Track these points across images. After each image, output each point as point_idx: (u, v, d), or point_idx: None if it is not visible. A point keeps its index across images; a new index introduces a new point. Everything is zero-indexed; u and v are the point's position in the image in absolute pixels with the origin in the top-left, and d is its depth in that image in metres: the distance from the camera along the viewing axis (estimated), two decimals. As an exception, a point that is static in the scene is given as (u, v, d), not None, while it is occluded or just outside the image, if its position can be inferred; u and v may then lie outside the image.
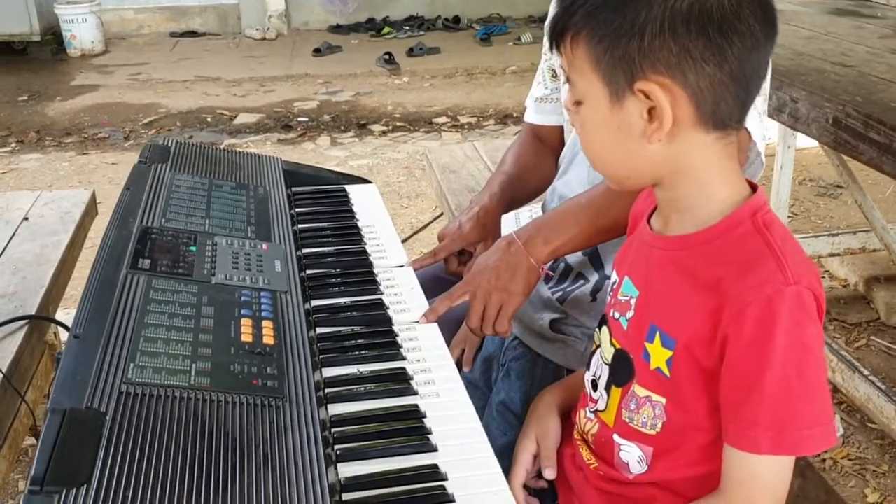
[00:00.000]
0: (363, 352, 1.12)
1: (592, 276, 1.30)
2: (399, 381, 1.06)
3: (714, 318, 0.85)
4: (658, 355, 0.92)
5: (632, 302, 0.97)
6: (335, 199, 1.58)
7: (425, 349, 1.14)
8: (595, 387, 1.03)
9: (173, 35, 6.95)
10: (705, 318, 0.86)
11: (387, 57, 6.06)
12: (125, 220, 1.24)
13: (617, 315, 0.99)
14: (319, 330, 1.15)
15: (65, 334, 1.80)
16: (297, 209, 1.50)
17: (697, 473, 0.94)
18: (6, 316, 1.55)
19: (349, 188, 1.63)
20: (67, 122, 5.02)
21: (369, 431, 0.97)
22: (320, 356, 1.09)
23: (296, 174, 1.62)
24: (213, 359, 0.97)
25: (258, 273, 1.18)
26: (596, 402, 1.03)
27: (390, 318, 1.20)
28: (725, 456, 0.88)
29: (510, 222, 1.55)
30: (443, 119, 5.02)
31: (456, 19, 7.14)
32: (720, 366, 0.86)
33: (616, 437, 0.99)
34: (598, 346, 1.04)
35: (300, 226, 1.44)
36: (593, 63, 0.85)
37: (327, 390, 1.03)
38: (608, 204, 1.19)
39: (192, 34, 6.95)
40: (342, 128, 4.90)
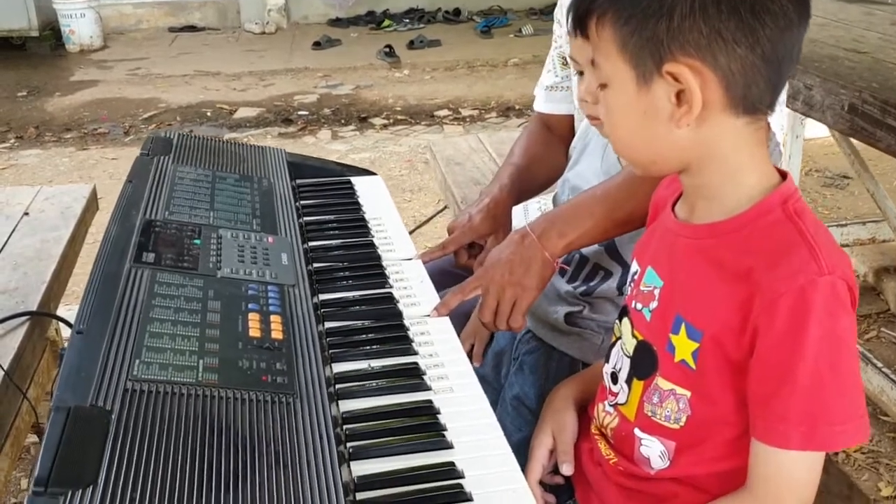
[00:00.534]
0: (374, 346, 1.09)
1: (617, 271, 1.27)
2: (412, 377, 1.03)
3: (744, 309, 0.82)
4: (683, 347, 0.89)
5: (655, 292, 0.94)
6: (340, 192, 1.55)
7: (437, 343, 1.11)
8: (615, 379, 1.00)
9: (172, 30, 6.94)
10: (734, 309, 0.83)
11: (387, 50, 6.03)
12: (128, 213, 1.22)
13: (639, 306, 0.96)
14: (328, 324, 1.13)
15: (66, 330, 1.78)
16: (303, 202, 1.48)
17: (722, 469, 0.92)
18: (7, 312, 1.53)
19: (354, 180, 1.61)
20: (67, 118, 4.99)
21: (382, 428, 0.94)
22: (330, 351, 1.06)
23: (300, 166, 1.59)
24: (220, 354, 0.94)
25: (265, 266, 1.16)
26: (616, 395, 1.00)
27: (401, 311, 1.17)
28: (753, 451, 0.85)
29: (519, 214, 1.52)
30: (444, 112, 4.99)
31: (456, 11, 7.10)
32: (749, 358, 0.84)
33: (637, 432, 0.97)
34: (619, 337, 1.01)
35: (306, 218, 1.42)
36: (619, 45, 0.82)
37: (338, 386, 1.00)
38: (624, 196, 1.16)
39: (192, 29, 6.94)
40: (343, 121, 4.87)
